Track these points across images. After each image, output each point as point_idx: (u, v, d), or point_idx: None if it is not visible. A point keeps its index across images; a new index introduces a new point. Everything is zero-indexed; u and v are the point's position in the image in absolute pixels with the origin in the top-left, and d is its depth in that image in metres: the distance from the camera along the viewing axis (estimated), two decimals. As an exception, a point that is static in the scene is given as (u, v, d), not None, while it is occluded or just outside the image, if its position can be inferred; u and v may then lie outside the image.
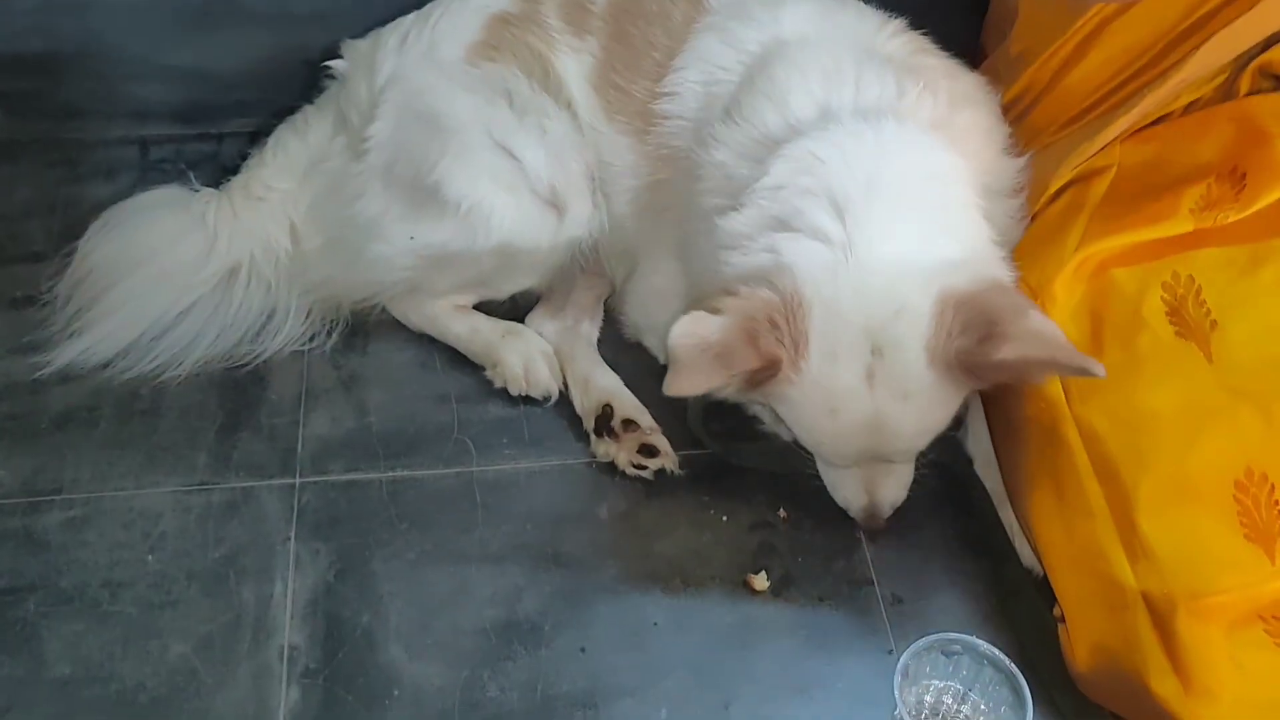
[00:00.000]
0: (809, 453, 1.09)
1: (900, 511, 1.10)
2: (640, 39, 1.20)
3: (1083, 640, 1.02)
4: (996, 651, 0.97)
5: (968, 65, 1.22)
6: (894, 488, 1.09)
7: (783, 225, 1.01)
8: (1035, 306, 0.99)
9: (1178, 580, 0.93)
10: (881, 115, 1.05)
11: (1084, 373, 0.94)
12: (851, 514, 1.10)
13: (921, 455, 1.09)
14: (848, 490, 1.09)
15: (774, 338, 0.97)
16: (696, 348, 0.96)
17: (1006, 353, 0.94)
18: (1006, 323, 0.95)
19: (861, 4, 1.21)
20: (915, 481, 1.10)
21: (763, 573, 1.14)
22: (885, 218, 1.00)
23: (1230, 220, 1.01)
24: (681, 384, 0.97)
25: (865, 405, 0.98)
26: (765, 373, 0.98)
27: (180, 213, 1.30)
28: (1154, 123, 1.12)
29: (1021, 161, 1.15)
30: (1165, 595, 0.94)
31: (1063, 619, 1.05)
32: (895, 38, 1.16)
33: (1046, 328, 0.95)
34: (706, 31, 1.18)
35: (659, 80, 1.19)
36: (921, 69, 1.13)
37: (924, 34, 1.19)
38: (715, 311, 0.97)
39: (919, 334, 0.97)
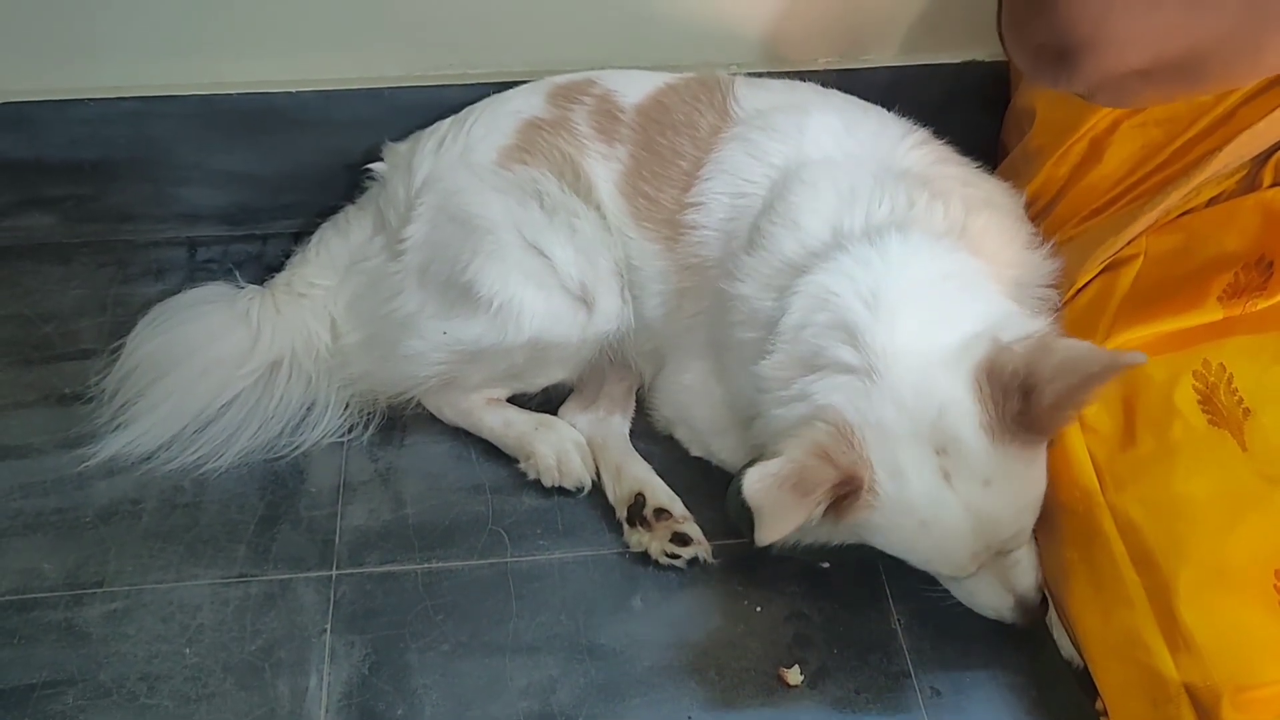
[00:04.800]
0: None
1: (938, 602, 1.09)
2: (668, 148, 1.23)
3: (1126, 733, 1.00)
4: (1038, 746, 0.96)
5: (988, 162, 1.24)
6: (1029, 572, 1.07)
7: (810, 367, 1.04)
8: (1053, 330, 0.99)
9: (1221, 672, 0.92)
10: (888, 231, 1.08)
11: (1124, 370, 0.93)
12: (1007, 620, 1.08)
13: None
14: (988, 598, 1.08)
15: (847, 458, 0.97)
16: (774, 485, 0.96)
17: (1049, 396, 0.94)
18: (1037, 367, 0.95)
19: (885, 113, 1.24)
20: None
21: (796, 667, 1.13)
22: (894, 329, 1.02)
23: (1259, 308, 1.02)
24: (770, 529, 0.97)
25: (953, 505, 0.98)
26: (847, 491, 0.98)
27: (225, 309, 1.34)
28: (1179, 215, 1.14)
29: (1047, 253, 1.16)
30: (1209, 687, 0.92)
31: (1105, 712, 1.03)
32: (916, 149, 1.19)
33: (1072, 352, 0.96)
34: (732, 142, 1.21)
35: (686, 190, 1.21)
36: (938, 179, 1.15)
37: (945, 133, 1.21)
38: (779, 453, 0.98)
39: (971, 420, 0.97)
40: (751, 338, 1.11)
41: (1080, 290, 1.14)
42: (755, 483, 0.96)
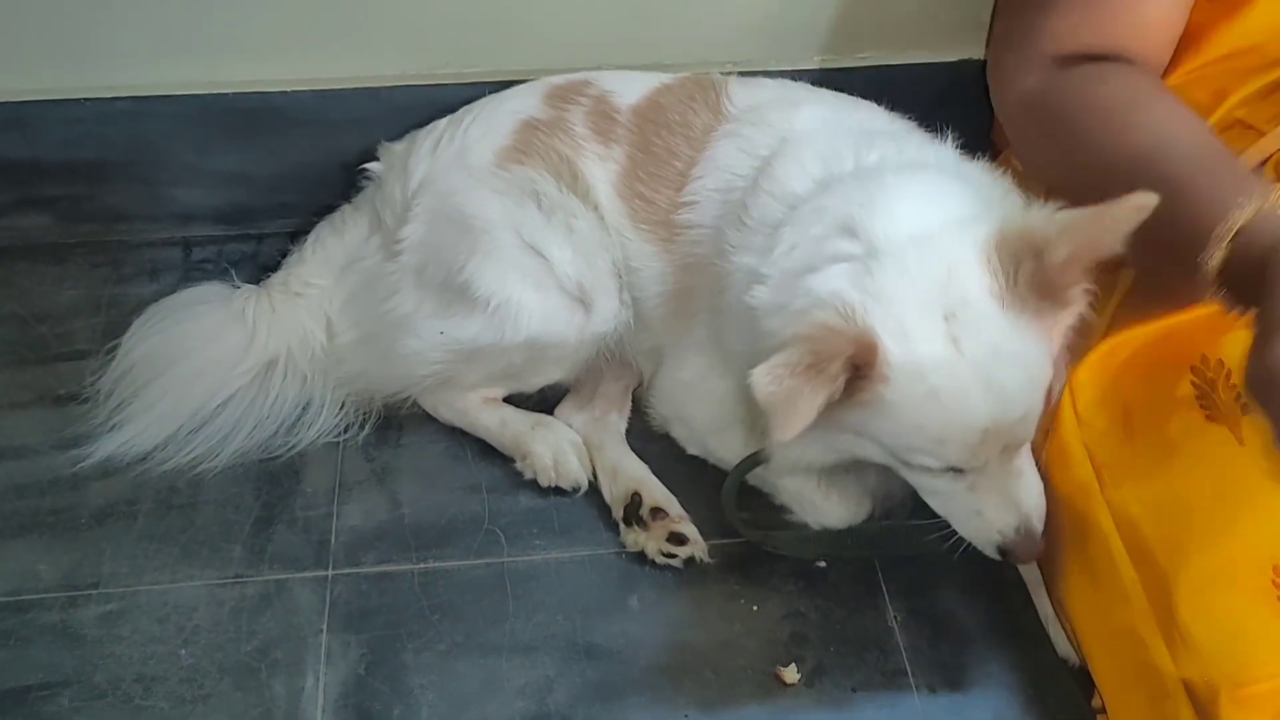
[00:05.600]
0: (842, 541, 1.07)
1: (934, 599, 1.09)
2: (663, 149, 1.23)
3: (1123, 730, 1.00)
4: (1035, 743, 0.96)
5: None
6: (1033, 490, 1.02)
7: (808, 270, 1.00)
8: (1054, 206, 0.97)
9: (1219, 667, 0.92)
10: (880, 168, 1.08)
11: (1136, 211, 0.90)
12: (1006, 544, 1.01)
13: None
14: (993, 508, 1.00)
15: (855, 329, 0.93)
16: (786, 374, 0.89)
17: (1059, 253, 0.92)
18: (1044, 230, 0.93)
19: (876, 107, 1.24)
20: (945, 569, 1.09)
21: (793, 665, 1.13)
22: (894, 214, 0.99)
23: None
24: (788, 422, 0.89)
25: (964, 370, 0.94)
26: (861, 366, 0.93)
27: (220, 308, 1.34)
28: None
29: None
30: (1207, 683, 0.92)
31: (1102, 709, 1.03)
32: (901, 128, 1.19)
33: (1075, 215, 0.93)
34: (724, 139, 1.21)
35: (680, 190, 1.21)
36: (926, 143, 1.16)
37: (939, 132, 1.21)
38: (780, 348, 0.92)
39: (980, 284, 0.94)
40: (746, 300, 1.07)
41: None
42: (766, 381, 0.89)
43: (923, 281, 0.95)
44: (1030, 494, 1.02)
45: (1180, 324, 1.05)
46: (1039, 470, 1.04)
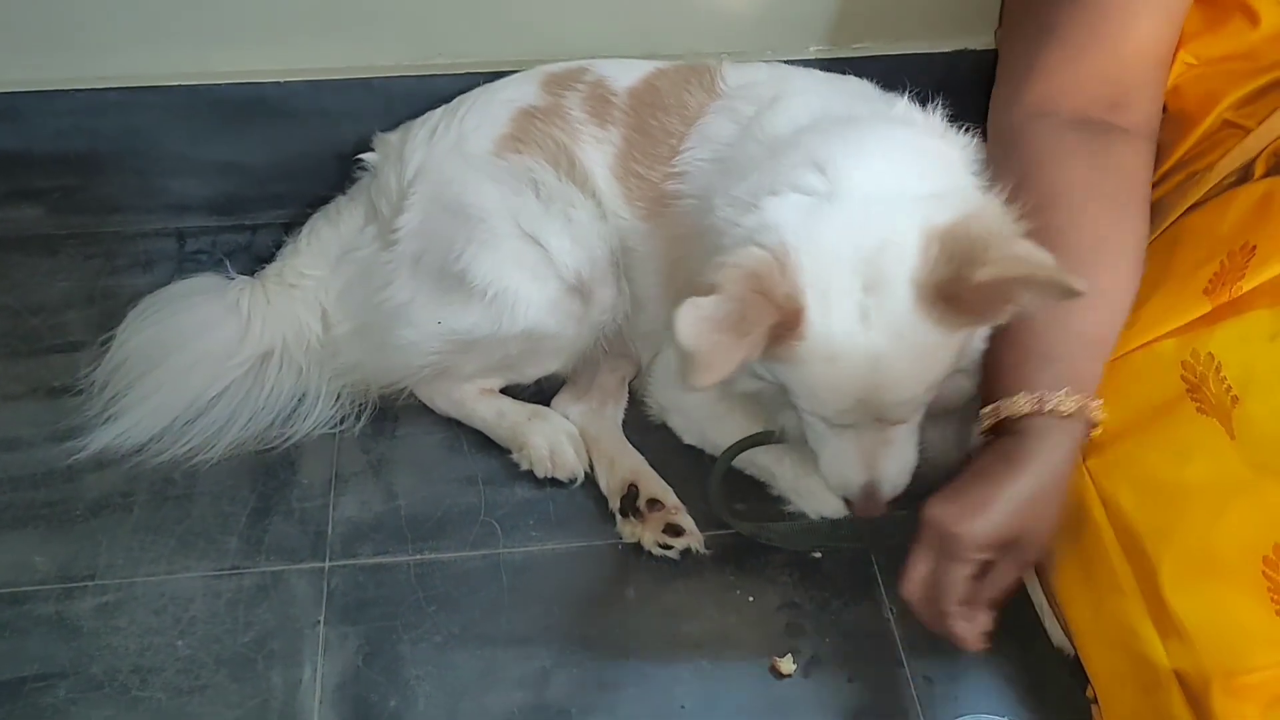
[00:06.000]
0: (836, 532, 1.07)
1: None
2: (658, 128, 1.24)
3: (1116, 720, 1.01)
4: (1029, 733, 0.96)
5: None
6: (895, 461, 1.05)
7: (769, 192, 1.02)
8: (1020, 229, 0.97)
9: (1210, 658, 0.93)
10: (869, 117, 1.09)
11: (1063, 291, 0.90)
12: (850, 495, 1.06)
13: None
14: (847, 464, 1.05)
15: (783, 290, 0.94)
16: (706, 326, 0.89)
17: (983, 275, 0.92)
18: (990, 248, 0.93)
19: (867, 83, 1.25)
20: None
21: (789, 656, 1.13)
22: (867, 165, 1.01)
23: (1244, 290, 1.02)
24: (703, 373, 0.89)
25: (862, 347, 0.96)
26: (786, 328, 0.94)
27: (215, 300, 1.34)
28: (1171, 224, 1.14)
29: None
30: (1199, 674, 0.93)
31: (1095, 699, 1.04)
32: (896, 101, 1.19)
33: (1030, 251, 0.93)
34: (715, 113, 1.22)
35: (671, 161, 1.22)
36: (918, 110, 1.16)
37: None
38: (710, 290, 0.92)
39: (906, 268, 0.95)
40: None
41: None
42: (688, 324, 0.89)
43: (859, 243, 0.96)
44: (891, 464, 1.05)
45: (1171, 318, 1.05)
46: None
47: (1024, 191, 1.05)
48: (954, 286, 0.94)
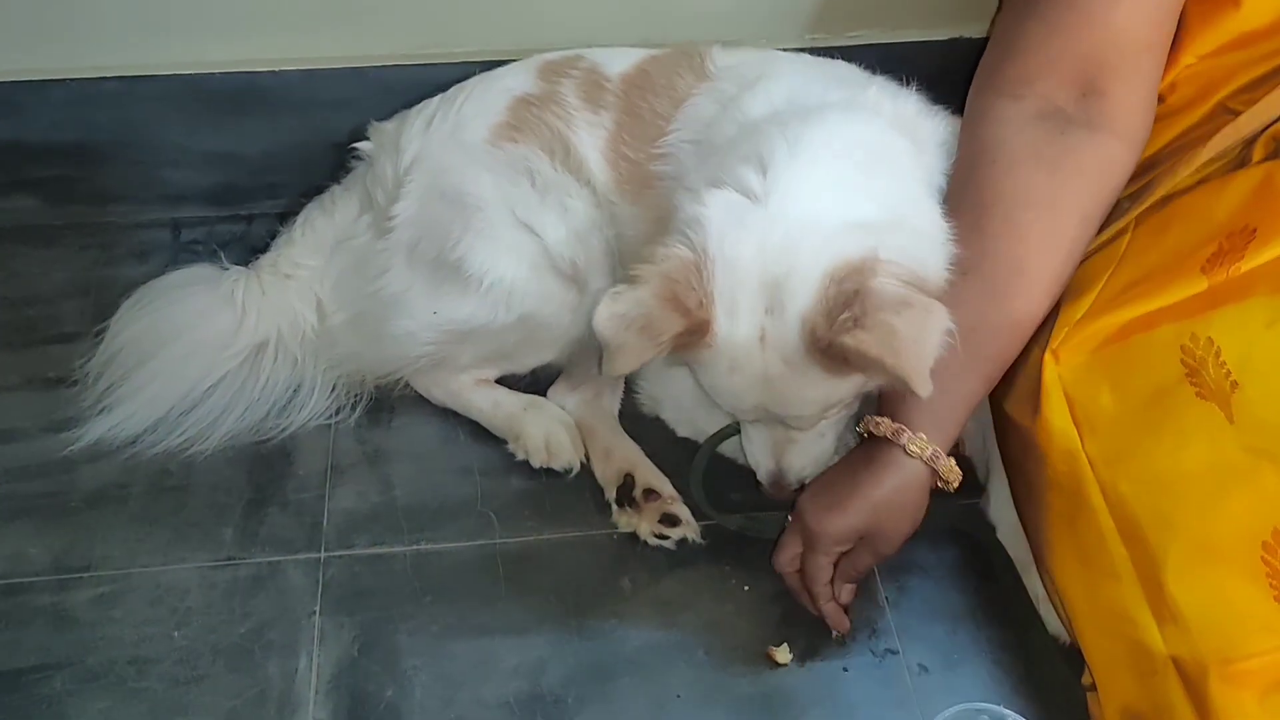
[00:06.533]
0: None
1: (925, 579, 1.10)
2: (649, 110, 1.24)
3: (1113, 706, 1.01)
4: (1025, 721, 0.96)
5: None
6: (799, 457, 1.11)
7: (713, 182, 1.04)
8: (925, 304, 0.97)
9: (1208, 644, 0.92)
10: (836, 105, 1.10)
11: (906, 385, 0.94)
12: (760, 477, 1.14)
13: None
14: (757, 450, 1.13)
15: (696, 298, 0.98)
16: (620, 325, 0.97)
17: (849, 340, 0.94)
18: (872, 310, 0.94)
19: (854, 66, 1.25)
20: (936, 549, 1.10)
21: (785, 645, 1.13)
22: (806, 176, 1.02)
23: (1242, 271, 1.01)
24: (617, 365, 0.99)
25: (757, 365, 1.00)
26: (696, 335, 1.00)
27: (210, 290, 1.33)
28: (1164, 199, 1.13)
29: None
30: (1196, 660, 0.93)
31: (1092, 687, 1.04)
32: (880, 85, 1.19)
33: (907, 329, 0.94)
34: (701, 95, 1.22)
35: (656, 143, 1.22)
36: (900, 95, 1.17)
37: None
38: (634, 281, 0.99)
39: (800, 303, 0.97)
40: None
41: None
42: (604, 319, 0.97)
43: (769, 266, 0.98)
44: (795, 458, 1.12)
45: (1166, 304, 1.05)
46: (1035, 449, 1.05)
47: (967, 188, 1.08)
48: (822, 339, 0.97)
